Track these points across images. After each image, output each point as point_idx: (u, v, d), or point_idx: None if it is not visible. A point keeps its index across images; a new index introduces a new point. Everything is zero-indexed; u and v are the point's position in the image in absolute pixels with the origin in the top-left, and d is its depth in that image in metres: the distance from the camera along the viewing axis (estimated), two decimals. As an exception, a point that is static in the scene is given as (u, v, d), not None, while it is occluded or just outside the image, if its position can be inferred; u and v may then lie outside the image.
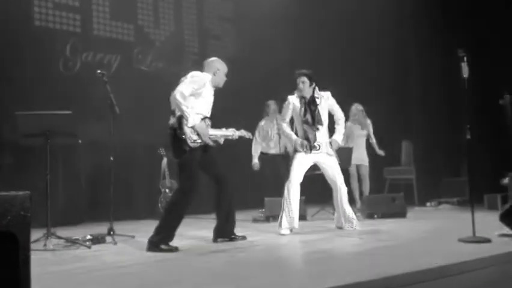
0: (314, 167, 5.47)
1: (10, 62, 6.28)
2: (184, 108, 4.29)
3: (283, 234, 5.07)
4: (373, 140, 7.40)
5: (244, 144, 7.49)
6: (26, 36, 6.43)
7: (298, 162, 5.26)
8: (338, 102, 5.50)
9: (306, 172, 5.35)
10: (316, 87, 5.34)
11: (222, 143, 4.74)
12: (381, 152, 7.41)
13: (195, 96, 4.40)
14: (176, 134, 4.34)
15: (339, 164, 5.42)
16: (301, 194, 5.30)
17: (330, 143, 5.30)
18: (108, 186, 5.05)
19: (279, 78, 7.83)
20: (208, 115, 4.56)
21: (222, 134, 4.71)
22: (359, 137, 7.36)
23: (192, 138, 4.34)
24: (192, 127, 4.34)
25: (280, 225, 5.17)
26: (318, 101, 5.29)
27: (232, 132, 4.78)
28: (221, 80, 4.70)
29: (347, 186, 5.49)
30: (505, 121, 7.17)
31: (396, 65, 9.02)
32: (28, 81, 6.28)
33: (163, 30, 8.00)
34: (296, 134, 5.36)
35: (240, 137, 4.91)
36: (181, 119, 4.32)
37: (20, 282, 2.25)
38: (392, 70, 9.01)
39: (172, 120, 4.39)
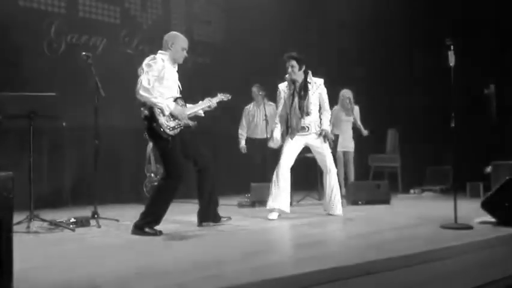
0: (306, 150, 5.43)
1: (-7, 43, 6.16)
2: (154, 100, 4.13)
3: (270, 219, 5.08)
4: (358, 123, 7.32)
5: (230, 129, 7.51)
6: (10, 17, 6.28)
7: (289, 147, 5.24)
8: (327, 89, 5.45)
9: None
10: (310, 72, 5.27)
11: (203, 115, 4.69)
12: (366, 132, 7.30)
13: (159, 81, 4.22)
14: (152, 126, 4.19)
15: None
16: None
17: (322, 132, 5.22)
18: (93, 170, 5.01)
19: (269, 64, 7.78)
20: (179, 94, 4.42)
21: (199, 108, 4.61)
22: (345, 122, 7.34)
23: (169, 126, 4.22)
24: (170, 114, 4.22)
25: (268, 209, 5.17)
26: (310, 86, 5.21)
27: (208, 102, 4.65)
28: (177, 55, 4.39)
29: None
30: (490, 110, 7.27)
31: (383, 53, 9.02)
32: (12, 62, 6.16)
33: (150, 14, 7.89)
34: (287, 118, 5.29)
35: (219, 103, 4.78)
36: (153, 111, 4.17)
37: (2, 263, 2.23)
38: (378, 58, 9.03)
39: (146, 113, 4.21)
